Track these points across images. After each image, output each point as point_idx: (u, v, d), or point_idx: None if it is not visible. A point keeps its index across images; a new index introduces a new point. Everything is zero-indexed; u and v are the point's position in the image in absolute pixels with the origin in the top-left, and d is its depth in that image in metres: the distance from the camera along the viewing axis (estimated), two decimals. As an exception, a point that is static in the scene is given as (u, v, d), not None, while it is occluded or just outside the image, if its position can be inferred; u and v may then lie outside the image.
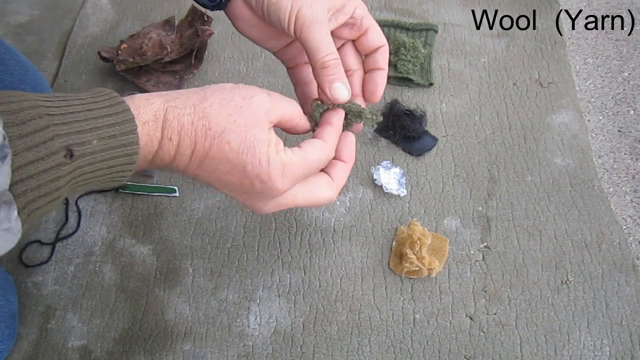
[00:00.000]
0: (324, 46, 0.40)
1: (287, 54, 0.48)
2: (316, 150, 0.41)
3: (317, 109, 0.43)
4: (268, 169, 0.37)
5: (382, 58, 0.45)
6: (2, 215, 0.27)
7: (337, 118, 0.43)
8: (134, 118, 0.34)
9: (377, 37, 0.45)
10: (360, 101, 0.46)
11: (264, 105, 0.38)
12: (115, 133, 0.33)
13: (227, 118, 0.36)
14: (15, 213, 0.28)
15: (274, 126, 0.40)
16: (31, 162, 0.29)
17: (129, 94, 0.36)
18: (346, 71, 0.44)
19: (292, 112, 0.41)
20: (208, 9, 0.46)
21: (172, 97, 0.37)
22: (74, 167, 0.31)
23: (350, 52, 0.46)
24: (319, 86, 0.42)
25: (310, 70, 0.44)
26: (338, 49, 0.44)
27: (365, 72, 0.47)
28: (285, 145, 0.40)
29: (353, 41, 0.46)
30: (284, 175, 0.38)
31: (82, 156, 0.31)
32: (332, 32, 0.42)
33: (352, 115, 0.44)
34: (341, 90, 0.41)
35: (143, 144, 0.35)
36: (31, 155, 0.29)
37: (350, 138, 0.45)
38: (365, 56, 0.46)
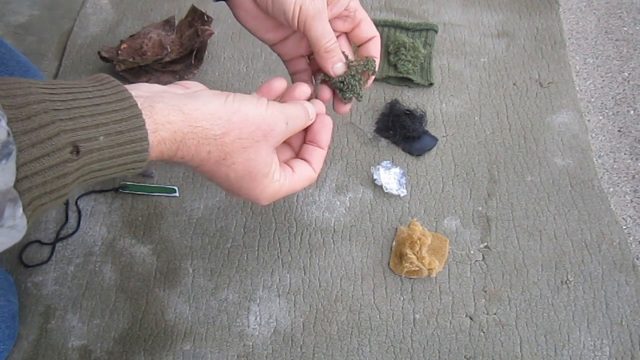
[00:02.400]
0: (327, 34, 0.45)
1: (284, 48, 0.51)
2: (305, 180, 0.46)
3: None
4: (259, 195, 0.42)
5: (375, 47, 0.50)
6: (8, 213, 0.27)
7: (326, 140, 0.47)
8: (141, 114, 0.33)
9: (369, 29, 0.49)
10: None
11: (280, 137, 0.41)
12: (123, 129, 0.32)
13: (242, 152, 0.38)
14: (21, 210, 0.28)
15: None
16: (36, 158, 0.28)
17: (145, 95, 0.34)
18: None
19: (301, 126, 0.44)
20: None
21: (194, 118, 0.36)
22: (81, 163, 0.31)
23: (344, 44, 0.50)
24: (321, 67, 0.48)
25: (304, 60, 0.51)
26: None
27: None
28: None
29: (346, 34, 0.50)
30: (271, 198, 0.44)
31: (89, 152, 0.31)
32: None
33: (356, 76, 0.49)
34: (341, 68, 0.48)
35: (153, 157, 0.35)
36: (36, 152, 0.28)
37: (329, 125, 0.47)
38: (358, 46, 0.51)
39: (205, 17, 0.77)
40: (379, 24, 0.74)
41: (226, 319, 0.58)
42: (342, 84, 0.48)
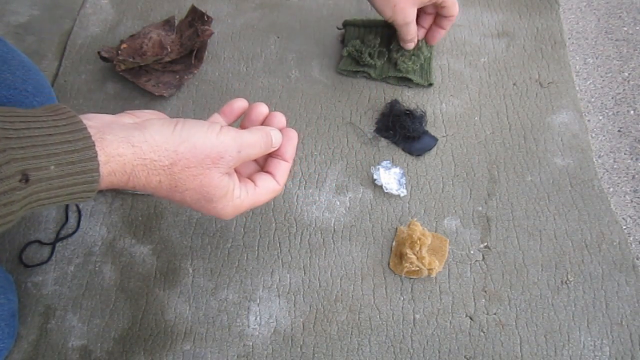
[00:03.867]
0: (410, 34, 0.68)
1: None
2: (268, 193, 0.46)
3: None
4: (220, 212, 0.43)
5: (447, 22, 0.69)
6: None
7: (291, 153, 0.47)
8: (94, 145, 0.33)
9: (450, 10, 0.66)
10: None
11: (231, 163, 0.41)
12: (75, 160, 0.32)
13: (192, 179, 0.39)
14: None
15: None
16: None
17: (87, 134, 0.34)
18: (421, 27, 0.70)
19: (258, 153, 0.44)
20: None
21: (143, 151, 0.36)
22: (29, 191, 0.31)
23: (427, 18, 0.69)
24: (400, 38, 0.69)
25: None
26: (420, 10, 0.67)
27: (433, 25, 0.71)
28: None
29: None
30: (234, 214, 0.44)
31: (39, 181, 0.31)
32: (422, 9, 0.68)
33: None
34: (411, 46, 0.71)
35: (103, 187, 0.35)
36: None
37: (294, 139, 0.48)
38: (438, 15, 0.69)
39: (205, 17, 0.77)
40: (380, 25, 0.74)
41: (226, 319, 0.58)
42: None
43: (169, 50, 0.75)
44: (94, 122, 0.35)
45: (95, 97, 0.75)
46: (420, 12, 0.68)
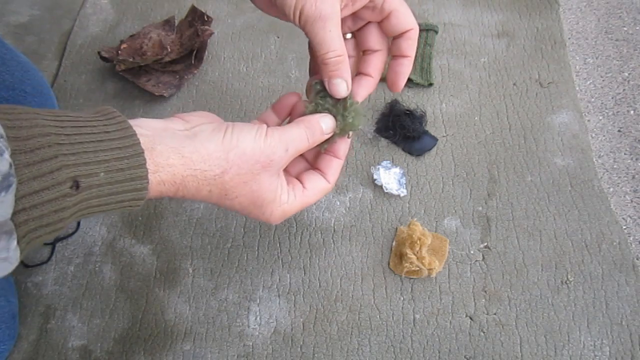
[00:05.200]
0: (326, 44, 0.39)
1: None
2: (318, 194, 0.45)
3: (315, 97, 0.43)
4: (269, 218, 0.42)
5: (407, 44, 0.43)
6: (2, 244, 0.27)
7: (344, 149, 0.45)
8: (143, 152, 0.33)
9: (401, 21, 0.42)
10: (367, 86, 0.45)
11: (280, 164, 0.40)
12: (124, 166, 0.32)
13: (243, 186, 0.39)
14: (15, 242, 0.27)
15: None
16: (36, 191, 0.28)
17: (136, 140, 0.33)
18: (366, 50, 0.45)
19: (306, 147, 0.42)
20: None
21: (193, 161, 0.36)
22: (79, 198, 0.31)
23: (372, 31, 0.44)
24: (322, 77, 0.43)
25: None
26: (361, 29, 0.44)
27: (392, 58, 0.45)
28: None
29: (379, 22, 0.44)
30: (282, 218, 0.43)
31: (89, 188, 0.31)
32: (354, 14, 0.43)
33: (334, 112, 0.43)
34: (340, 86, 0.41)
35: (152, 196, 0.35)
36: (36, 185, 0.28)
37: (346, 140, 0.46)
38: (392, 39, 0.44)
39: (205, 17, 0.77)
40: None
41: (226, 319, 0.58)
42: (318, 107, 0.42)
43: (169, 50, 0.75)
44: (146, 130, 0.35)
45: (95, 97, 0.75)
46: (359, 33, 0.45)
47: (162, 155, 0.34)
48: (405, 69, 0.44)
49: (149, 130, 0.35)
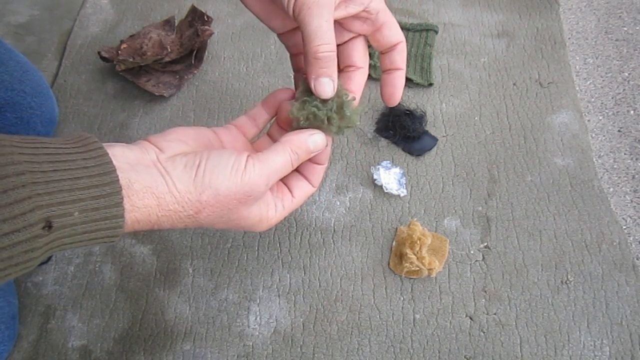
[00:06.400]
0: (321, 34, 0.36)
1: (292, 40, 0.45)
2: (304, 198, 0.44)
3: (302, 95, 0.41)
4: (256, 230, 0.42)
5: (400, 57, 0.43)
6: None
7: (326, 155, 0.44)
8: (121, 190, 0.32)
9: (393, 34, 0.41)
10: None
11: (260, 196, 0.39)
12: (100, 206, 0.31)
13: (219, 219, 0.38)
14: None
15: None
16: (6, 234, 0.28)
17: (116, 177, 0.32)
18: (349, 67, 0.43)
19: (286, 173, 0.41)
20: None
21: (166, 202, 0.35)
22: (51, 238, 0.30)
23: (358, 47, 0.43)
24: (306, 74, 0.40)
25: None
26: (347, 41, 0.43)
27: (384, 71, 0.44)
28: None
29: (366, 36, 0.43)
30: (270, 227, 0.43)
31: (62, 227, 0.30)
32: (342, 24, 0.41)
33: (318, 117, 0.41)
34: (327, 86, 0.39)
35: (126, 232, 0.34)
36: (7, 227, 0.27)
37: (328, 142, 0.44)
38: (381, 54, 0.43)
39: (205, 17, 0.77)
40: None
41: (226, 319, 0.58)
42: (304, 113, 0.40)
43: (169, 50, 0.75)
44: (122, 163, 0.34)
45: (95, 97, 0.75)
46: (343, 47, 0.43)
47: (137, 195, 0.33)
48: (401, 81, 0.44)
49: (124, 163, 0.34)
